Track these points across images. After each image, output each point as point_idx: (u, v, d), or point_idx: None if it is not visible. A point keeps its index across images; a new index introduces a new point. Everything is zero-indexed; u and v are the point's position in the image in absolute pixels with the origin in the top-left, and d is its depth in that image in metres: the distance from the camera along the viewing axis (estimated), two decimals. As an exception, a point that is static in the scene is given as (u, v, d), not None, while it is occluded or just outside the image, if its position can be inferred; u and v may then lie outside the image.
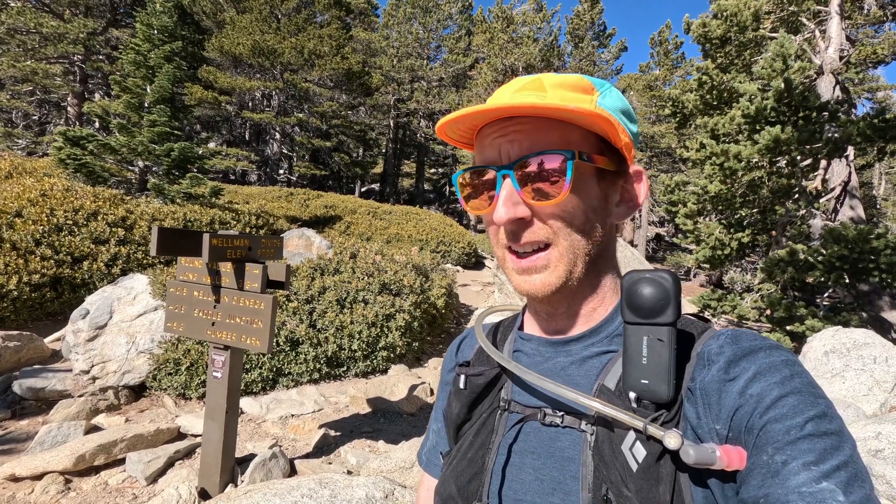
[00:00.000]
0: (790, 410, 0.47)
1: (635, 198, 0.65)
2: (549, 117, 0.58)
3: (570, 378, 0.62)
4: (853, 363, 4.74)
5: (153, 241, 2.50)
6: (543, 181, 0.57)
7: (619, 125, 0.58)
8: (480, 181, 0.63)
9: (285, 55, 18.06)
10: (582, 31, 26.96)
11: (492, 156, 0.61)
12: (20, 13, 15.10)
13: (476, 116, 0.59)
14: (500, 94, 0.63)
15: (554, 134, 0.58)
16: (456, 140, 0.67)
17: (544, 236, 0.59)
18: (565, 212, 0.59)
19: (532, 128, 0.58)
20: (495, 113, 0.57)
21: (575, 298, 0.64)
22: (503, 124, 0.59)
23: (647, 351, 0.53)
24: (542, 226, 0.59)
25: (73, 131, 8.57)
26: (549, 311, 0.66)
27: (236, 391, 3.00)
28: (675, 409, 0.53)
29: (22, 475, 3.04)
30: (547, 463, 0.59)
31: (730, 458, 0.47)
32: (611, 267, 0.67)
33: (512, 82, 0.63)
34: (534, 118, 0.58)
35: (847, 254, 6.53)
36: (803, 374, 0.51)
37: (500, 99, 0.61)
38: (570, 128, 0.59)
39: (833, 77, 8.55)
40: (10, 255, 5.48)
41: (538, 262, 0.60)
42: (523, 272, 0.61)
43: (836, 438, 0.45)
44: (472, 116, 0.58)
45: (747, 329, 0.61)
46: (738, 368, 0.52)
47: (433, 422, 0.84)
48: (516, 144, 0.58)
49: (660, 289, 0.54)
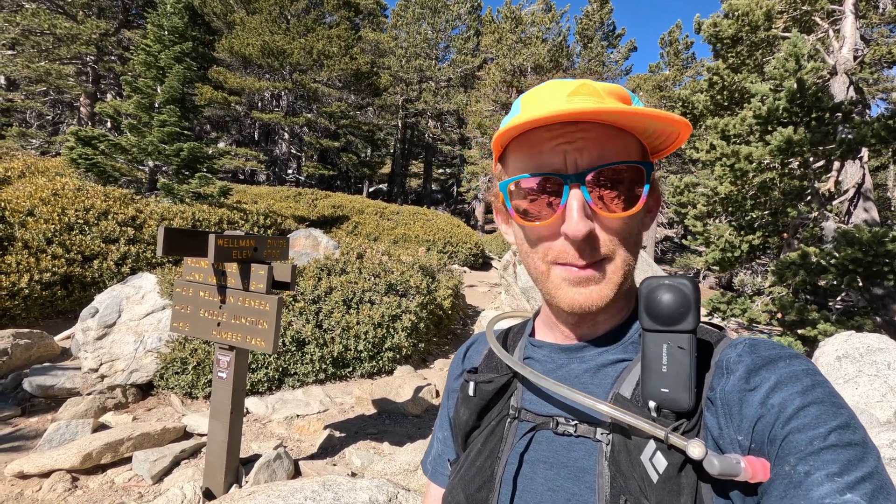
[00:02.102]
0: (813, 420, 0.46)
1: (655, 207, 0.66)
2: (616, 125, 0.56)
3: (584, 386, 0.61)
4: (866, 369, 4.66)
5: (159, 241, 2.51)
6: (618, 193, 0.55)
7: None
8: (540, 190, 0.58)
9: (294, 56, 18.16)
10: (591, 32, 26.82)
11: (556, 163, 0.56)
12: (35, 14, 15.33)
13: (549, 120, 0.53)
14: (549, 98, 0.58)
15: (618, 144, 0.56)
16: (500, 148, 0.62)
17: (608, 250, 0.57)
18: (628, 225, 0.57)
19: (599, 135, 0.55)
20: (578, 116, 0.53)
21: (607, 309, 0.62)
22: (565, 129, 0.55)
23: (667, 359, 0.52)
24: (609, 239, 0.57)
25: (84, 131, 8.67)
26: (577, 321, 0.64)
27: (241, 391, 3.00)
28: (695, 419, 0.52)
29: (30, 472, 3.07)
30: (561, 473, 0.58)
31: (754, 469, 0.46)
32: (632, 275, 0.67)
33: (554, 85, 0.59)
34: (597, 125, 0.55)
35: (861, 257, 6.42)
36: (825, 383, 0.50)
37: (556, 104, 0.56)
38: (629, 137, 0.58)
39: (847, 77, 8.42)
40: (22, 254, 5.54)
41: (597, 275, 0.57)
42: (579, 283, 0.57)
43: (860, 450, 0.44)
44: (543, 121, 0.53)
45: (764, 337, 0.59)
46: (758, 378, 0.52)
47: (438, 430, 0.82)
48: (586, 153, 0.55)
49: (680, 296, 0.53)
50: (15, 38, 15.90)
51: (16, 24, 15.34)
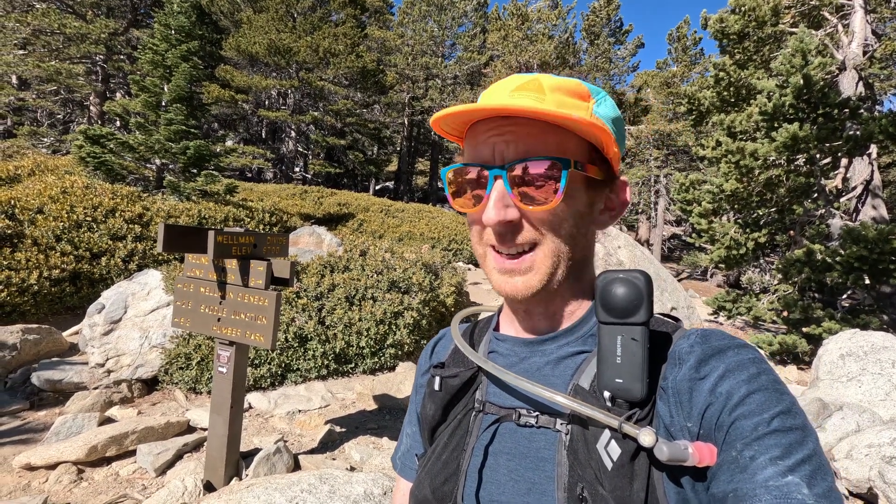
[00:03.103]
0: (757, 407, 0.48)
1: (619, 207, 0.66)
2: (546, 122, 0.57)
3: (546, 378, 0.62)
4: (870, 367, 4.61)
5: (159, 238, 2.55)
6: (537, 186, 0.57)
7: (611, 135, 0.58)
8: (470, 179, 0.62)
9: (301, 54, 18.23)
10: (598, 28, 26.63)
11: (485, 154, 0.59)
12: (45, 14, 15.52)
13: (472, 114, 0.58)
14: (497, 92, 0.62)
15: (550, 139, 0.58)
16: (448, 133, 0.66)
17: (531, 239, 0.59)
18: (554, 218, 0.59)
19: (529, 131, 0.58)
20: (493, 112, 0.57)
21: (553, 300, 0.64)
22: (498, 123, 0.59)
23: (620, 350, 0.54)
24: (531, 230, 0.59)
25: (93, 130, 8.79)
26: (526, 310, 0.66)
27: (241, 386, 3.04)
28: (648, 408, 0.54)
29: (37, 464, 3.14)
30: (522, 463, 0.59)
31: (701, 454, 0.48)
32: (590, 271, 0.68)
33: (509, 79, 0.62)
34: (531, 120, 0.57)
35: (867, 254, 6.35)
36: (769, 371, 0.52)
37: (498, 98, 0.60)
38: (566, 134, 0.59)
39: (856, 73, 8.31)
40: (32, 251, 5.65)
41: (522, 265, 0.60)
42: (505, 272, 0.61)
43: (800, 433, 0.47)
44: (469, 114, 0.58)
45: (716, 328, 0.61)
46: (707, 367, 0.53)
47: (407, 425, 0.83)
48: (512, 146, 0.58)
49: (633, 289, 0.54)
50: (26, 37, 16.12)
51: (27, 24, 15.55)
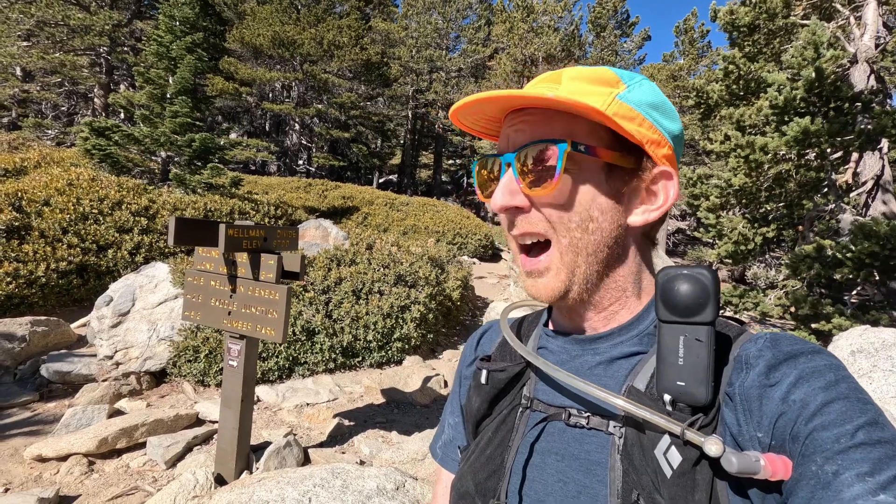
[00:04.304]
0: (838, 417, 0.44)
1: (660, 199, 0.60)
2: (555, 109, 0.57)
3: (598, 378, 0.60)
4: (881, 364, 4.56)
5: (170, 231, 2.54)
6: (539, 171, 0.57)
7: (638, 120, 0.56)
8: (490, 169, 0.64)
9: (305, 46, 18.14)
10: (604, 20, 26.38)
11: (501, 145, 0.62)
12: (48, 5, 15.46)
13: (483, 104, 0.59)
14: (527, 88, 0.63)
15: (556, 125, 0.57)
16: (469, 127, 0.67)
17: (542, 229, 0.59)
18: (562, 204, 0.58)
19: (538, 119, 0.58)
20: (501, 101, 0.57)
21: (592, 298, 0.62)
22: (514, 115, 0.60)
23: (683, 351, 0.51)
24: (540, 217, 0.59)
25: (98, 122, 8.77)
26: (569, 307, 0.65)
27: (251, 380, 3.04)
28: (712, 414, 0.51)
29: (48, 456, 3.15)
30: (572, 465, 0.57)
31: (774, 467, 0.44)
32: (635, 266, 0.63)
33: (540, 76, 0.63)
34: (543, 109, 0.58)
35: (878, 250, 6.29)
36: (849, 378, 0.48)
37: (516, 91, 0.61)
38: (576, 120, 0.57)
39: (868, 66, 8.19)
40: (39, 243, 5.65)
41: (540, 266, 0.60)
42: (529, 275, 0.62)
43: (890, 448, 0.42)
44: (479, 104, 0.58)
45: (786, 332, 0.57)
46: (778, 373, 0.50)
47: (449, 415, 0.82)
48: (521, 134, 0.59)
49: (698, 286, 0.51)
50: (30, 29, 16.07)
51: (31, 16, 15.50)
